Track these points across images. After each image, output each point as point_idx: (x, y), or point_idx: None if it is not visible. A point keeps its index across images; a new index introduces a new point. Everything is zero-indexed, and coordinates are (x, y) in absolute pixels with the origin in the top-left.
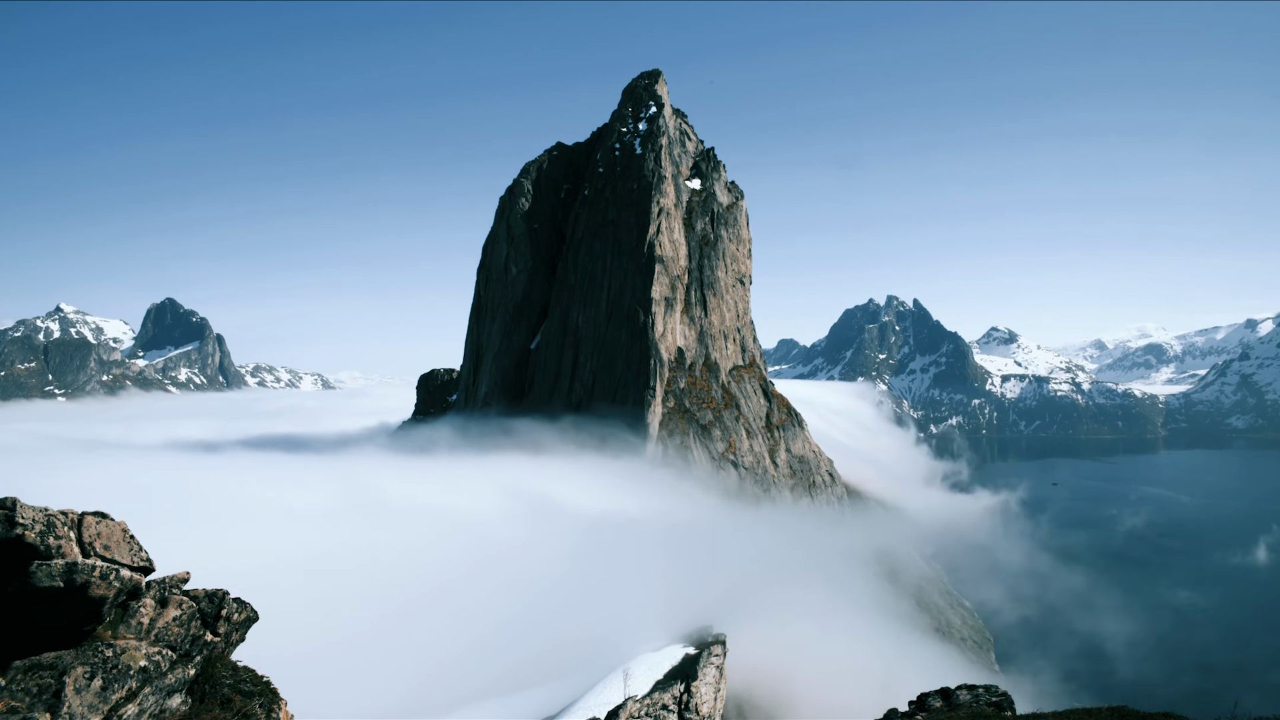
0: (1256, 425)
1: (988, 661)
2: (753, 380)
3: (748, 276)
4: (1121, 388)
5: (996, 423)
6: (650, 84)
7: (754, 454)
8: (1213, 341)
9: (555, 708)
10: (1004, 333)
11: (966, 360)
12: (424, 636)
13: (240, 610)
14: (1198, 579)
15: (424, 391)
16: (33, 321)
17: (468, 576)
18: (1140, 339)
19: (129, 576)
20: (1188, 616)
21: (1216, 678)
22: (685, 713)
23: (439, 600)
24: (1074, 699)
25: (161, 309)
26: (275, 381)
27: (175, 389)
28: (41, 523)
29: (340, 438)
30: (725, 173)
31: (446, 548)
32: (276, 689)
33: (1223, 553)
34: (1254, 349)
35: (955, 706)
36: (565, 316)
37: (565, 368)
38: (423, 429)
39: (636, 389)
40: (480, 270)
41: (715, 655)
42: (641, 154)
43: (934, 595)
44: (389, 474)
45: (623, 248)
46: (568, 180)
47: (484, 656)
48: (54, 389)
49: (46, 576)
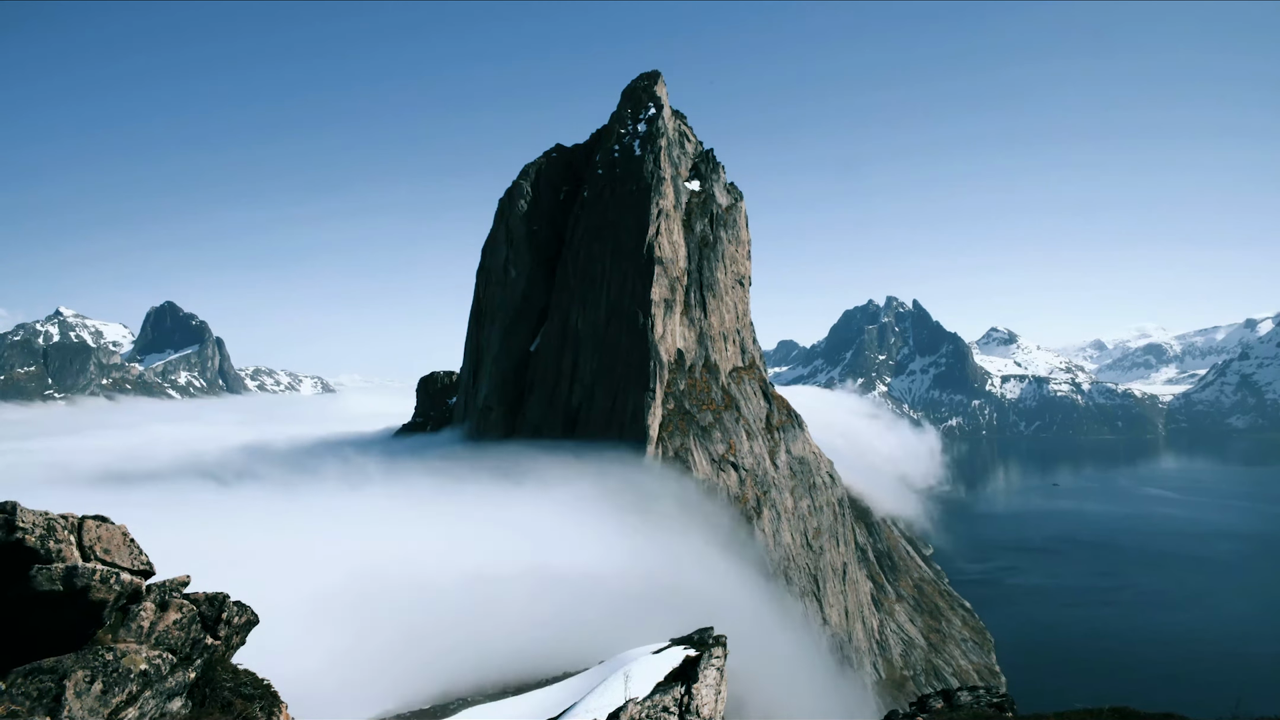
0: (1256, 425)
1: (989, 662)
2: (752, 382)
3: (747, 278)
4: (1121, 388)
5: (996, 423)
6: (649, 85)
7: (754, 456)
8: (1212, 341)
9: (556, 710)
10: (1004, 333)
11: (966, 361)
12: (424, 638)
13: (241, 613)
14: (1199, 579)
15: (424, 394)
16: (32, 325)
17: (467, 578)
18: (1140, 339)
19: (129, 580)
20: (1188, 616)
21: (1217, 677)
22: (686, 714)
23: (439, 602)
24: (1074, 699)
25: (161, 312)
26: (275, 385)
27: (175, 393)
28: (42, 526)
29: (343, 441)
30: (724, 174)
31: (447, 550)
32: (277, 692)
33: (1223, 553)
34: (1254, 349)
35: (956, 707)
36: (565, 319)
37: (565, 370)
38: (423, 439)
39: (636, 391)
40: (480, 273)
41: (716, 657)
42: (641, 155)
43: (934, 596)
44: (391, 490)
45: (622, 249)
46: (567, 182)
47: (484, 660)
48: (53, 393)
49: (47, 580)
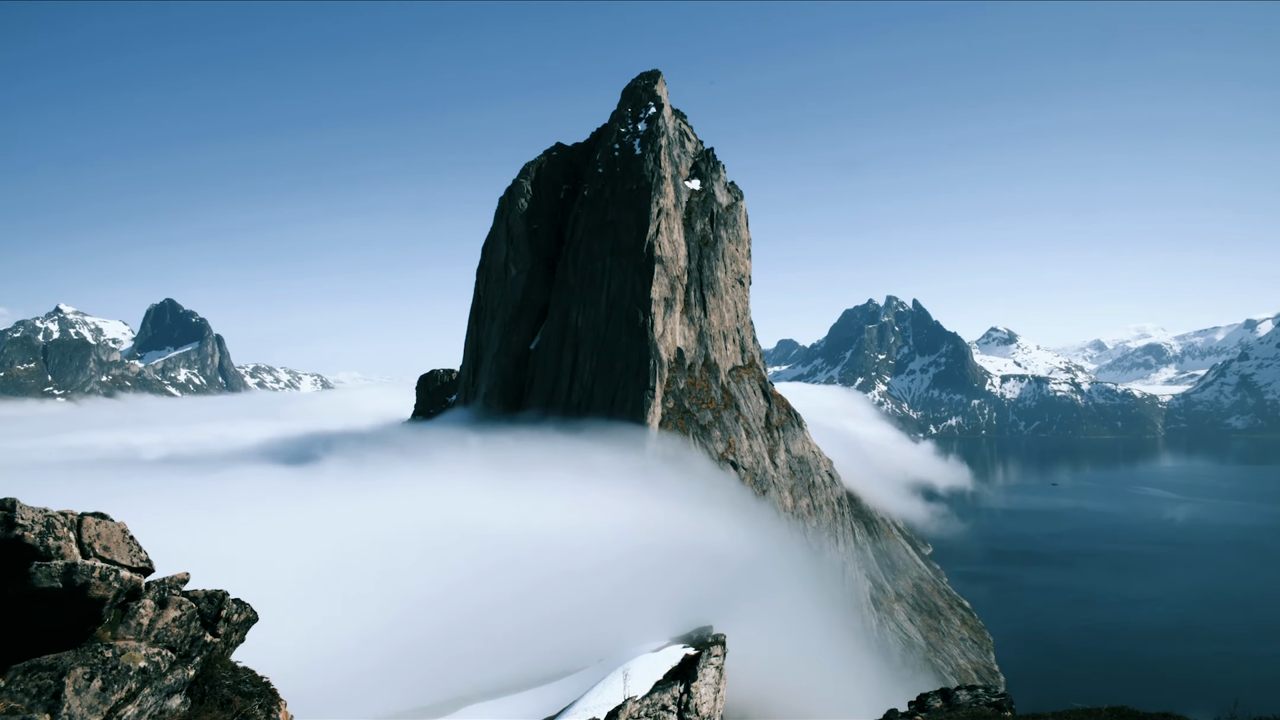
0: (1256, 425)
1: (988, 661)
2: (752, 380)
3: (747, 277)
4: (1121, 388)
5: (996, 423)
6: (649, 84)
7: (753, 454)
8: (1212, 342)
9: (555, 708)
10: (1004, 333)
11: (966, 360)
12: (423, 638)
13: (240, 611)
14: (1198, 579)
15: (424, 392)
16: (32, 322)
17: (467, 579)
18: (1140, 339)
19: (128, 577)
20: (1187, 616)
21: (1215, 677)
22: (685, 713)
23: (438, 602)
24: (1074, 699)
25: (161, 310)
26: (275, 382)
27: (175, 390)
28: (41, 523)
29: (343, 439)
30: (724, 173)
31: (446, 551)
32: (276, 690)
33: (1222, 553)
34: (1253, 349)
35: (955, 706)
36: (565, 317)
37: (565, 368)
38: (424, 428)
39: (636, 389)
40: (480, 271)
41: (715, 656)
42: (641, 154)
43: (933, 595)
44: (394, 481)
45: (622, 248)
46: (567, 181)
47: (483, 657)
48: (53, 389)
49: (46, 577)
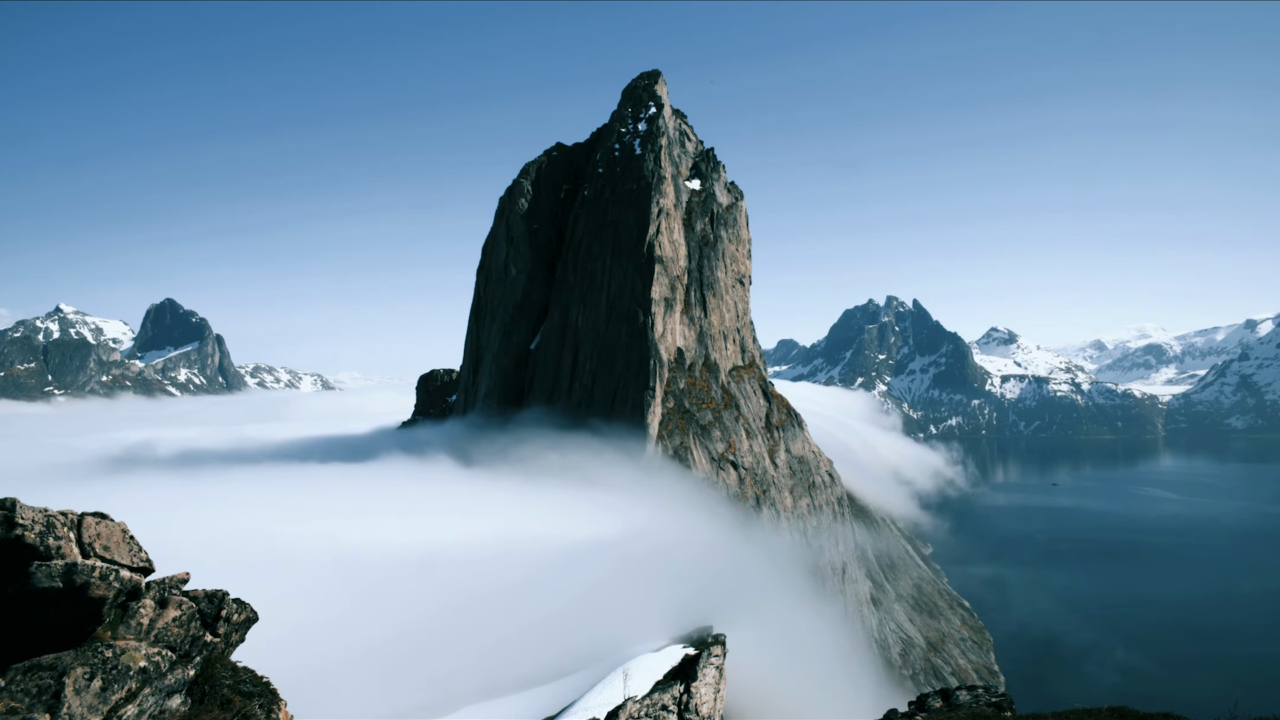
0: (1256, 425)
1: (988, 661)
2: (752, 380)
3: (747, 277)
4: (1121, 388)
5: (996, 423)
6: (650, 84)
7: (754, 454)
8: (1212, 342)
9: (555, 708)
10: (1004, 333)
11: (966, 361)
12: (423, 637)
13: (240, 611)
14: (1198, 579)
15: (424, 392)
16: (32, 322)
17: (466, 578)
18: (1140, 339)
19: (128, 577)
20: (1187, 616)
21: (1216, 677)
22: (685, 713)
23: (438, 602)
24: (1074, 699)
25: (161, 309)
26: (275, 382)
27: (175, 390)
28: (41, 523)
29: (344, 440)
30: (725, 173)
31: (446, 551)
32: (276, 689)
33: (1222, 553)
34: (1253, 349)
35: (955, 707)
36: (565, 317)
37: (565, 368)
38: (425, 432)
39: (636, 389)
40: (480, 271)
41: (715, 656)
42: (641, 154)
43: (933, 595)
44: (393, 484)
45: (622, 248)
46: (567, 180)
47: (483, 657)
48: (53, 389)
49: (46, 577)
